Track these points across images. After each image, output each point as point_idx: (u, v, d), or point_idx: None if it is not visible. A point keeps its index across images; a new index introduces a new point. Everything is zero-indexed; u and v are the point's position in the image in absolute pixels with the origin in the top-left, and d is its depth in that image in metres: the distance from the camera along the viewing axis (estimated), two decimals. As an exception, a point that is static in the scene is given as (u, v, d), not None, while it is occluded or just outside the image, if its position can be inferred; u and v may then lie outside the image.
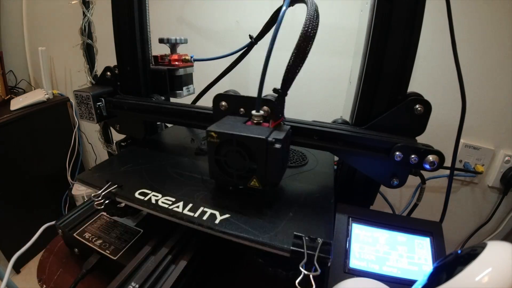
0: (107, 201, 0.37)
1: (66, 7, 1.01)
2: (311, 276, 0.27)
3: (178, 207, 0.34)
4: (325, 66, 0.78)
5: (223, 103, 0.40)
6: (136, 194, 0.37)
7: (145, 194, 0.37)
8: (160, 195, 0.36)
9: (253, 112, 0.36)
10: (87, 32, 0.78)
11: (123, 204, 0.38)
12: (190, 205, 0.35)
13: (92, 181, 0.40)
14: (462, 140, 0.71)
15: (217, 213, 0.33)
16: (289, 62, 0.33)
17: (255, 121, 0.36)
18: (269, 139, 0.31)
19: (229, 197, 0.37)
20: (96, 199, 0.36)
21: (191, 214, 0.33)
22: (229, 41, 0.86)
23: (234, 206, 0.35)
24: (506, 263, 0.20)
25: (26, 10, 1.19)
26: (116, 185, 0.38)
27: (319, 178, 0.44)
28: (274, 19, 0.44)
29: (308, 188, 0.41)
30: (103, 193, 0.36)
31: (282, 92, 0.35)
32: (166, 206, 0.35)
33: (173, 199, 0.36)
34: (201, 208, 0.34)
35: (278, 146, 0.31)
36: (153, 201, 0.35)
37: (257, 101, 0.35)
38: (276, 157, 0.32)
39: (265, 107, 0.36)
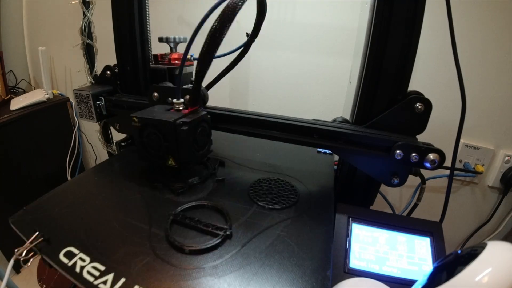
0: (32, 259, 0.30)
1: (66, 7, 1.01)
2: None
3: (105, 283, 0.26)
4: (325, 66, 0.78)
5: (155, 93, 0.46)
6: (61, 255, 0.29)
7: (71, 256, 0.29)
8: (88, 260, 0.28)
9: (174, 100, 0.41)
10: (87, 32, 0.78)
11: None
12: (122, 281, 0.26)
13: (23, 226, 0.33)
14: (462, 140, 0.71)
15: None
16: (199, 55, 0.36)
17: (175, 108, 0.40)
18: (177, 122, 0.36)
19: (179, 271, 0.28)
20: (19, 256, 0.29)
21: None
22: (230, 41, 0.86)
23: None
24: (506, 263, 0.20)
25: (26, 10, 1.19)
26: (42, 238, 0.31)
27: (313, 235, 0.33)
28: (261, 12, 0.45)
29: (296, 254, 0.30)
30: (25, 249, 0.30)
31: (194, 83, 0.39)
32: (91, 279, 0.27)
33: (102, 268, 0.27)
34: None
35: (184, 128, 0.36)
36: (77, 269, 0.27)
37: (177, 91, 0.41)
38: (184, 138, 0.37)
39: (187, 96, 0.42)
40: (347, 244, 0.35)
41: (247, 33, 0.52)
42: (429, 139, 0.37)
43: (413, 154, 0.35)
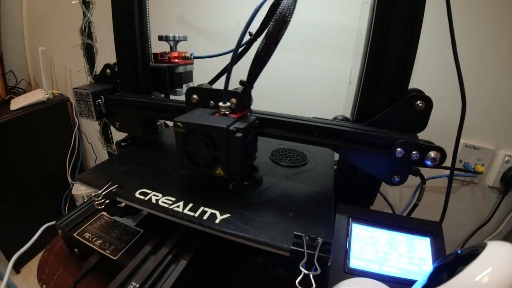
0: (107, 201, 0.37)
1: (66, 7, 1.01)
2: (311, 275, 0.27)
3: (178, 206, 0.35)
4: (325, 66, 0.78)
5: (195, 96, 0.42)
6: (137, 194, 0.37)
7: (145, 194, 0.37)
8: (160, 195, 0.37)
9: (220, 103, 0.37)
10: (87, 32, 0.78)
11: (123, 204, 0.38)
12: (190, 205, 0.35)
13: (92, 181, 0.40)
14: (462, 140, 0.71)
15: (217, 212, 0.34)
16: (257, 52, 0.33)
17: (221, 112, 0.37)
18: (231, 128, 0.33)
19: (230, 196, 0.38)
20: (97, 199, 0.36)
21: (191, 213, 0.34)
22: (230, 41, 0.86)
23: (234, 205, 0.36)
24: (506, 263, 0.20)
25: (26, 10, 1.19)
26: (116, 185, 0.38)
27: (319, 178, 0.45)
28: (272, 14, 0.44)
29: (308, 188, 0.42)
30: (103, 193, 0.37)
31: (247, 84, 0.36)
32: (166, 206, 0.35)
33: (173, 199, 0.36)
34: (201, 208, 0.35)
35: (239, 135, 0.33)
36: (153, 201, 0.36)
37: (224, 94, 0.37)
38: (238, 146, 0.34)
39: (233, 99, 0.38)
40: (347, 244, 0.35)
41: (249, 32, 0.52)
42: (429, 139, 0.37)
43: (414, 152, 0.35)
